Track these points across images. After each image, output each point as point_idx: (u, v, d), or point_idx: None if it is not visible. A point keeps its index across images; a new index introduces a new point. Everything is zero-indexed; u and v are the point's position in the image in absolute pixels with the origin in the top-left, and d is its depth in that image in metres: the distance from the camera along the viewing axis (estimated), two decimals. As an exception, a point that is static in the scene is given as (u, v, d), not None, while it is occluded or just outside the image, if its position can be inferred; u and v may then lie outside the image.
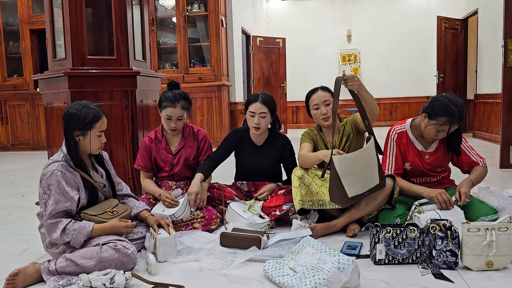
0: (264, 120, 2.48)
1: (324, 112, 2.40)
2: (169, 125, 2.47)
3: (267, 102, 2.48)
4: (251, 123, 2.49)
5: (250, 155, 2.61)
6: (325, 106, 2.41)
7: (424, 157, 2.32)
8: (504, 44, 4.04)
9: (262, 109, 2.46)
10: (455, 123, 2.15)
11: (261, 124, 2.47)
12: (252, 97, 2.52)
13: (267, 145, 2.61)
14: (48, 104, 3.04)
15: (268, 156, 2.60)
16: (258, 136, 2.58)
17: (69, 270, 1.73)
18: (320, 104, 2.41)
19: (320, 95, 2.43)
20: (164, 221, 2.06)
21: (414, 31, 9.46)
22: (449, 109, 2.13)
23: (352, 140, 2.42)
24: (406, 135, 2.35)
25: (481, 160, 2.32)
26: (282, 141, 2.63)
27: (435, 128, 2.18)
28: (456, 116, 2.13)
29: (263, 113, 2.47)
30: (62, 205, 1.82)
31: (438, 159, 2.32)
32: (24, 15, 6.58)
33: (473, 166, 2.31)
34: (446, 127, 2.16)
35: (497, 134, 5.81)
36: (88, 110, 1.92)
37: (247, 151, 2.62)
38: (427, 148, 2.33)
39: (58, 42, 3.02)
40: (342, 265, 1.56)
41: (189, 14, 6.42)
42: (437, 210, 2.10)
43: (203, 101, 6.33)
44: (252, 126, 2.50)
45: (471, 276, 1.72)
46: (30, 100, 6.72)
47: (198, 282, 1.75)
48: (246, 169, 2.66)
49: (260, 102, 2.47)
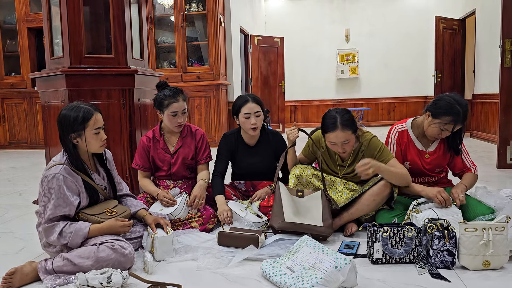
0: (259, 118, 2.50)
1: (253, 122, 2.46)
2: (175, 121, 2.46)
3: (258, 101, 2.52)
4: (247, 125, 2.49)
5: (246, 157, 2.61)
6: (255, 117, 2.47)
7: (424, 156, 2.33)
8: (502, 44, 4.05)
9: (256, 108, 2.48)
10: (459, 122, 2.15)
11: (258, 123, 2.49)
12: (241, 100, 2.52)
13: (260, 144, 2.61)
14: (45, 102, 3.04)
15: (263, 154, 2.60)
16: (252, 136, 2.58)
17: (66, 270, 1.73)
18: (252, 114, 2.46)
19: (252, 106, 2.47)
20: (163, 220, 2.06)
21: (412, 31, 9.48)
22: (454, 108, 2.13)
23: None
24: (407, 134, 2.35)
25: (473, 167, 2.34)
26: (274, 137, 2.64)
27: (439, 127, 2.18)
28: (461, 116, 2.13)
29: (258, 112, 2.49)
30: (61, 210, 1.82)
31: (437, 159, 2.33)
32: (21, 13, 6.56)
33: (465, 172, 2.33)
34: (450, 126, 2.16)
35: (495, 134, 5.82)
36: (78, 109, 1.88)
37: (242, 153, 2.61)
38: (427, 148, 2.34)
39: (55, 40, 3.01)
40: (339, 264, 1.56)
41: (187, 13, 6.41)
42: (435, 210, 2.11)
43: (201, 100, 6.32)
44: (249, 128, 2.49)
45: (468, 276, 1.73)
46: (28, 98, 6.71)
47: (195, 281, 1.75)
48: (242, 170, 2.65)
49: (252, 101, 2.49)
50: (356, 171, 2.13)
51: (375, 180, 2.24)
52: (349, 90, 9.78)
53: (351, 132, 2.16)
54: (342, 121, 2.14)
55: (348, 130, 2.15)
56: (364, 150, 2.28)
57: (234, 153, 2.62)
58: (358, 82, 9.82)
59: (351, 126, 2.16)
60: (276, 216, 2.15)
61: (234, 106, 2.54)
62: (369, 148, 2.26)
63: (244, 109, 2.48)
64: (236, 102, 2.53)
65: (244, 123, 2.50)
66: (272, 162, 2.63)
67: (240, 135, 2.62)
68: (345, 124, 2.14)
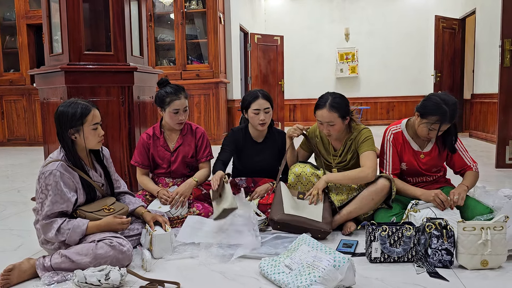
0: (268, 115, 2.53)
1: (262, 118, 2.48)
2: (177, 119, 2.46)
3: (268, 97, 2.54)
4: (256, 120, 2.51)
5: (252, 152, 2.62)
6: (264, 114, 2.49)
7: (419, 156, 2.32)
8: (502, 44, 4.05)
9: (265, 105, 2.51)
10: (445, 122, 2.15)
11: (266, 119, 2.52)
12: (251, 96, 2.53)
13: (267, 141, 2.64)
14: (44, 99, 3.03)
15: (269, 151, 2.62)
16: (260, 132, 2.60)
17: (64, 266, 1.73)
18: (261, 110, 2.49)
19: (262, 103, 2.49)
20: (162, 218, 2.06)
21: (411, 30, 9.48)
22: (440, 108, 2.12)
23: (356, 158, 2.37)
24: (402, 135, 2.35)
25: (473, 164, 2.34)
26: (280, 135, 2.66)
27: (426, 126, 2.18)
28: (447, 116, 2.12)
29: (267, 108, 2.52)
30: (58, 206, 1.81)
31: (433, 159, 2.33)
32: (21, 9, 6.54)
33: (466, 170, 2.33)
34: (437, 125, 2.16)
35: (493, 134, 5.82)
36: (75, 105, 1.89)
37: (249, 148, 2.62)
38: (423, 148, 2.33)
39: (55, 37, 3.01)
40: (337, 263, 1.56)
41: (187, 11, 6.40)
42: (433, 209, 2.11)
43: (200, 98, 6.32)
44: (257, 124, 2.51)
45: (466, 275, 1.73)
46: (27, 95, 6.69)
47: (193, 279, 1.74)
48: (247, 166, 2.66)
49: (262, 98, 2.51)
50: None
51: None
52: (348, 89, 9.77)
53: (338, 115, 2.23)
54: (331, 103, 2.23)
55: (335, 112, 2.22)
56: (352, 139, 2.34)
57: (241, 148, 2.62)
58: (358, 81, 9.82)
59: (339, 110, 2.22)
60: (275, 208, 2.16)
61: (243, 101, 2.56)
62: (357, 137, 2.33)
63: (254, 105, 2.50)
64: (246, 98, 2.55)
65: (253, 118, 2.52)
66: (276, 160, 2.64)
67: (247, 130, 2.64)
68: (333, 106, 2.23)
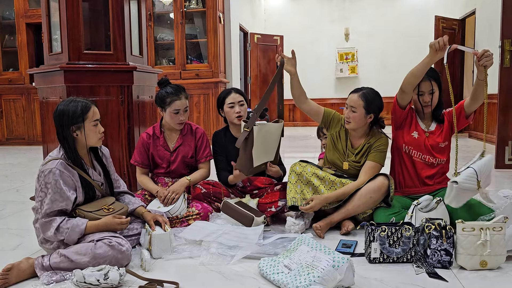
0: (244, 107, 2.58)
1: (238, 110, 2.55)
2: (178, 119, 2.47)
3: (240, 92, 2.62)
4: (232, 114, 2.55)
5: (236, 151, 2.60)
6: (239, 106, 2.56)
7: (424, 135, 2.39)
8: (501, 45, 4.05)
9: (239, 98, 2.58)
10: (425, 80, 2.36)
11: (242, 112, 2.55)
12: (223, 93, 2.63)
13: None
14: (43, 98, 3.02)
15: None
16: (239, 128, 2.59)
17: (63, 266, 1.72)
18: (236, 103, 2.55)
19: (235, 96, 2.57)
20: (162, 218, 2.06)
21: (411, 30, 9.47)
22: None
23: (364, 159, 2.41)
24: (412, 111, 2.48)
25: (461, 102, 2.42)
26: None
27: (416, 94, 2.37)
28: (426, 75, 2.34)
29: (241, 101, 2.58)
30: (58, 205, 1.81)
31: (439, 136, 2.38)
32: (20, 8, 6.53)
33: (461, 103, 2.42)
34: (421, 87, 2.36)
35: (493, 134, 5.82)
36: (75, 103, 1.91)
37: (234, 148, 2.60)
38: (428, 128, 2.42)
39: (54, 36, 3.00)
40: (336, 263, 1.56)
41: (186, 10, 6.39)
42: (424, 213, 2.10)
43: (199, 97, 6.31)
44: (234, 117, 2.55)
45: (465, 276, 1.73)
46: (26, 94, 6.68)
47: (192, 279, 1.74)
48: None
49: (235, 92, 2.59)
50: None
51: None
52: (348, 89, 9.62)
53: (363, 105, 2.32)
54: (365, 92, 2.37)
55: (362, 101, 2.33)
56: (370, 143, 2.40)
57: (226, 149, 2.62)
58: (357, 81, 9.81)
59: (367, 101, 2.33)
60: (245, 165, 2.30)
61: (218, 99, 2.63)
62: (374, 143, 2.40)
63: (228, 99, 2.56)
64: (220, 95, 2.63)
65: (229, 113, 2.56)
66: None
67: (228, 130, 2.65)
68: (365, 95, 2.35)
